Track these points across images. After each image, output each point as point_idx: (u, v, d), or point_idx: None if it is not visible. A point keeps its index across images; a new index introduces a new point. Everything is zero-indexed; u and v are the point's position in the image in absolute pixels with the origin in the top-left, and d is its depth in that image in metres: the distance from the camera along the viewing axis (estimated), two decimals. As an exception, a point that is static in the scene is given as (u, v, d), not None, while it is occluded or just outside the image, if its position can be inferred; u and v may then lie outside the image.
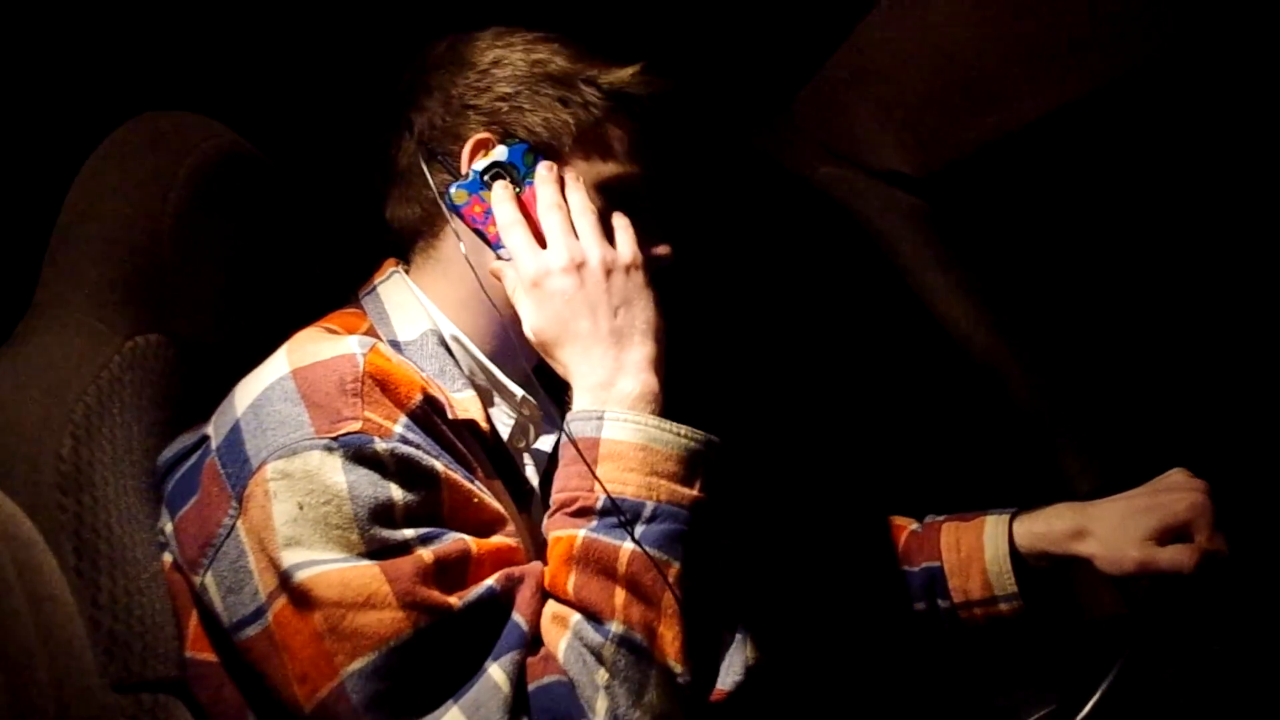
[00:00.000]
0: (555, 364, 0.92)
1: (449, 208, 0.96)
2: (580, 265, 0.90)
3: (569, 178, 0.96)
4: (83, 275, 0.92)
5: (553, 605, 0.84)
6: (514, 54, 0.98)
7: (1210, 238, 1.37)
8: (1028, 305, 1.42)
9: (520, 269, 0.92)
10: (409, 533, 0.80)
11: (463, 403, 0.93)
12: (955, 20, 1.12)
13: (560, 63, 0.98)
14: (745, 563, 1.04)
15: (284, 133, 1.12)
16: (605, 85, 0.97)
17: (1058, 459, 1.35)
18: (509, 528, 0.88)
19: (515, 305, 0.92)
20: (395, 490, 0.81)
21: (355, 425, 0.81)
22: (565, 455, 0.88)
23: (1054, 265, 1.44)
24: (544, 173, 0.95)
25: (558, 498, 0.87)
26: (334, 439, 0.80)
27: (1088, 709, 0.94)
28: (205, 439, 0.86)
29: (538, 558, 0.88)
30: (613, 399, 0.88)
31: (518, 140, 0.96)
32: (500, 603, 0.82)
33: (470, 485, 0.86)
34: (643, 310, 0.91)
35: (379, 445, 0.81)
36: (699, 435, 0.87)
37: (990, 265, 1.43)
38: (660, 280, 0.94)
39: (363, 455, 0.80)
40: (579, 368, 0.89)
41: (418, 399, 0.85)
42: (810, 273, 1.53)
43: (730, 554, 0.89)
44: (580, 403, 0.89)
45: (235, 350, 0.93)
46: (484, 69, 0.98)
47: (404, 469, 0.82)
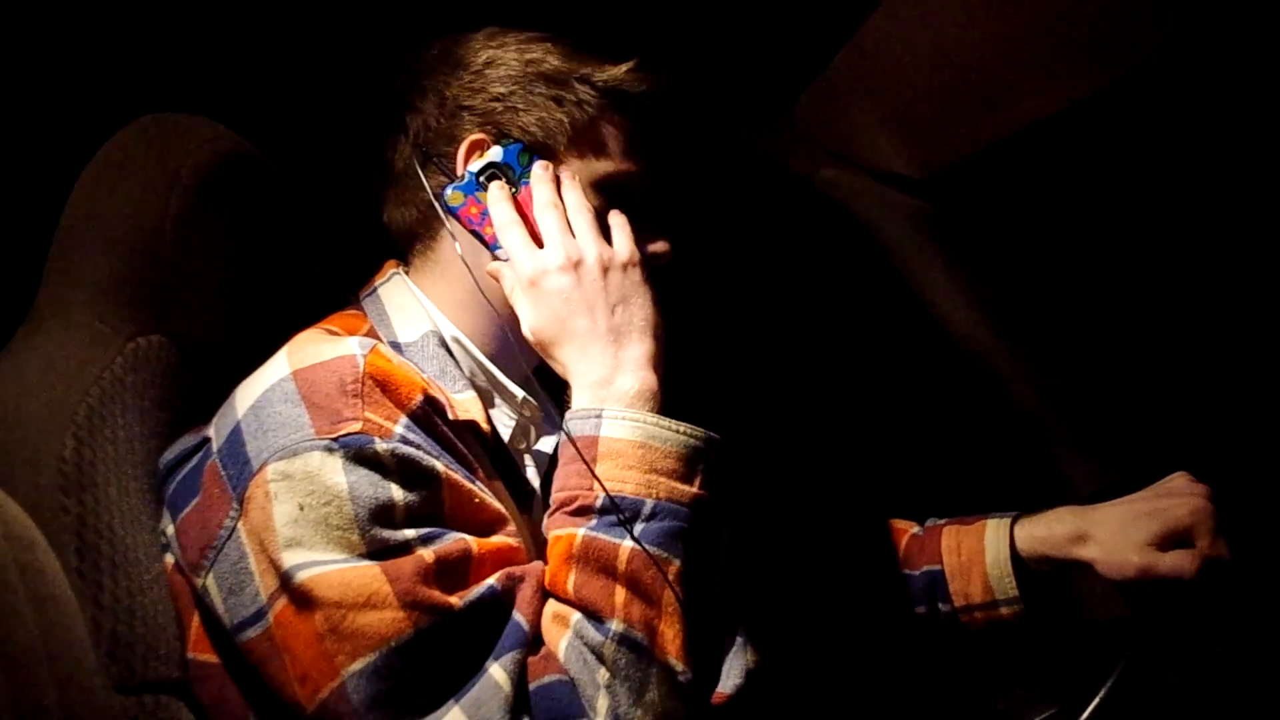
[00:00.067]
0: (554, 363, 0.91)
1: (445, 210, 0.96)
2: (577, 264, 0.90)
3: (565, 177, 0.96)
4: (85, 277, 0.92)
5: (553, 604, 0.84)
6: (507, 54, 0.98)
7: (1212, 239, 1.37)
8: (1029, 307, 1.42)
9: (517, 269, 0.92)
10: (410, 533, 0.80)
11: (463, 404, 0.93)
12: (957, 22, 1.12)
13: (554, 61, 0.98)
14: (746, 564, 1.04)
15: (285, 134, 1.12)
16: (599, 83, 0.97)
17: (1059, 461, 1.35)
18: (510, 527, 0.88)
19: (513, 305, 0.92)
20: (396, 490, 0.81)
21: (356, 426, 0.81)
22: (564, 454, 0.88)
23: (1055, 267, 1.44)
24: (540, 172, 0.95)
25: (557, 497, 0.87)
26: (334, 440, 0.80)
27: (1089, 711, 0.94)
28: (206, 441, 0.86)
29: (539, 559, 0.88)
30: (611, 397, 0.87)
31: (513, 140, 0.96)
32: (501, 602, 0.82)
33: (471, 485, 0.86)
34: (641, 308, 0.91)
35: (379, 446, 0.81)
36: (699, 432, 0.87)
37: (992, 267, 1.42)
38: (659, 278, 0.94)
39: (363, 456, 0.80)
40: (577, 366, 0.89)
41: (418, 399, 0.85)
42: (811, 274, 1.53)
43: (731, 552, 0.89)
44: (579, 401, 0.89)
45: (237, 351, 0.93)
46: (477, 70, 0.98)
47: (404, 469, 0.81)
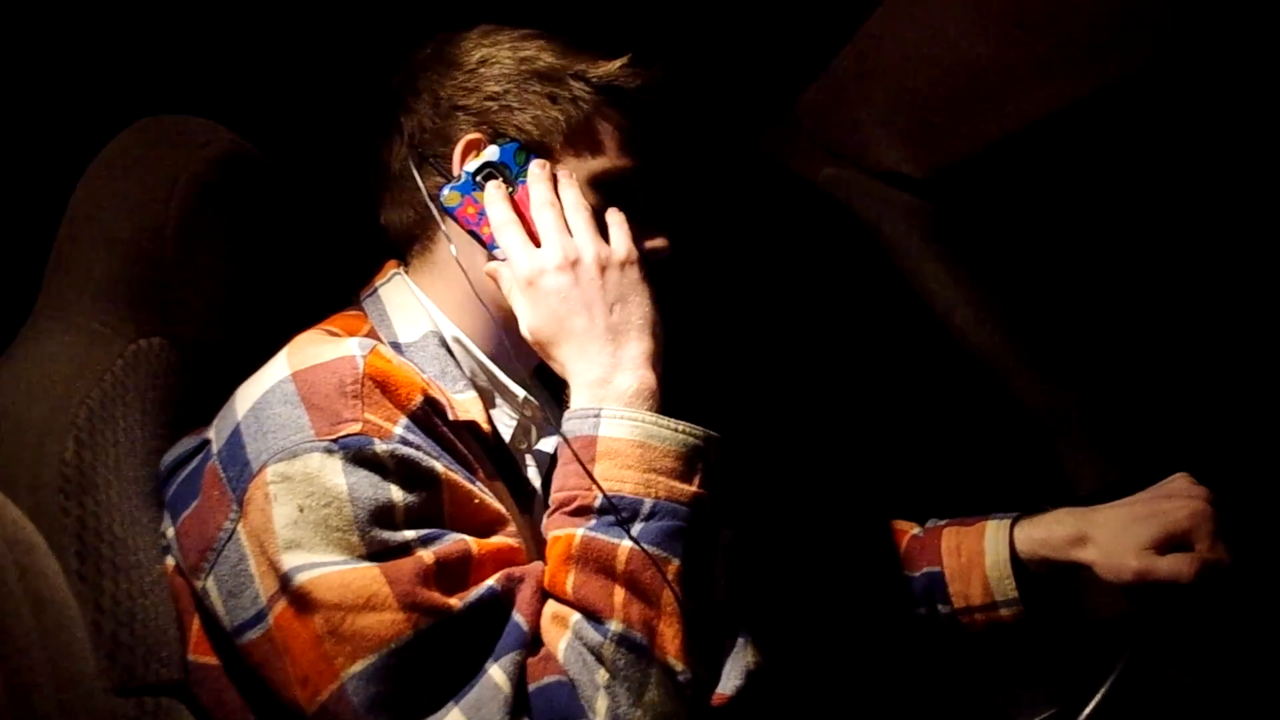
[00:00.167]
0: (553, 363, 0.91)
1: (441, 210, 0.95)
2: (575, 262, 0.90)
3: (561, 175, 0.95)
4: (86, 279, 0.92)
5: (552, 605, 0.83)
6: (501, 52, 0.97)
7: (1213, 239, 1.36)
8: (1031, 307, 1.42)
9: (515, 268, 0.91)
10: (409, 534, 0.80)
11: (464, 404, 0.93)
12: (959, 21, 1.12)
13: (548, 59, 0.97)
14: (747, 564, 1.04)
15: (286, 135, 1.12)
16: (594, 79, 0.97)
17: (1061, 462, 1.34)
18: (510, 528, 0.87)
19: (512, 305, 0.92)
20: (395, 491, 0.81)
21: (355, 427, 0.81)
22: (563, 454, 0.88)
23: (1058, 267, 1.43)
24: (536, 171, 0.94)
25: (556, 497, 0.87)
26: (334, 441, 0.80)
27: (1089, 709, 0.94)
28: (206, 443, 0.86)
29: (540, 559, 0.88)
30: (610, 396, 0.87)
31: (508, 139, 0.96)
32: (501, 603, 0.82)
33: (471, 486, 0.86)
34: (639, 306, 0.90)
35: (379, 447, 0.81)
36: (698, 431, 0.87)
37: (993, 266, 1.42)
38: (657, 275, 0.94)
39: (363, 457, 0.80)
40: (576, 365, 0.89)
41: (418, 400, 0.85)
42: (813, 274, 1.53)
43: (732, 552, 0.89)
44: (578, 400, 0.88)
45: (238, 353, 0.93)
46: (471, 69, 0.97)
47: (404, 470, 0.81)
